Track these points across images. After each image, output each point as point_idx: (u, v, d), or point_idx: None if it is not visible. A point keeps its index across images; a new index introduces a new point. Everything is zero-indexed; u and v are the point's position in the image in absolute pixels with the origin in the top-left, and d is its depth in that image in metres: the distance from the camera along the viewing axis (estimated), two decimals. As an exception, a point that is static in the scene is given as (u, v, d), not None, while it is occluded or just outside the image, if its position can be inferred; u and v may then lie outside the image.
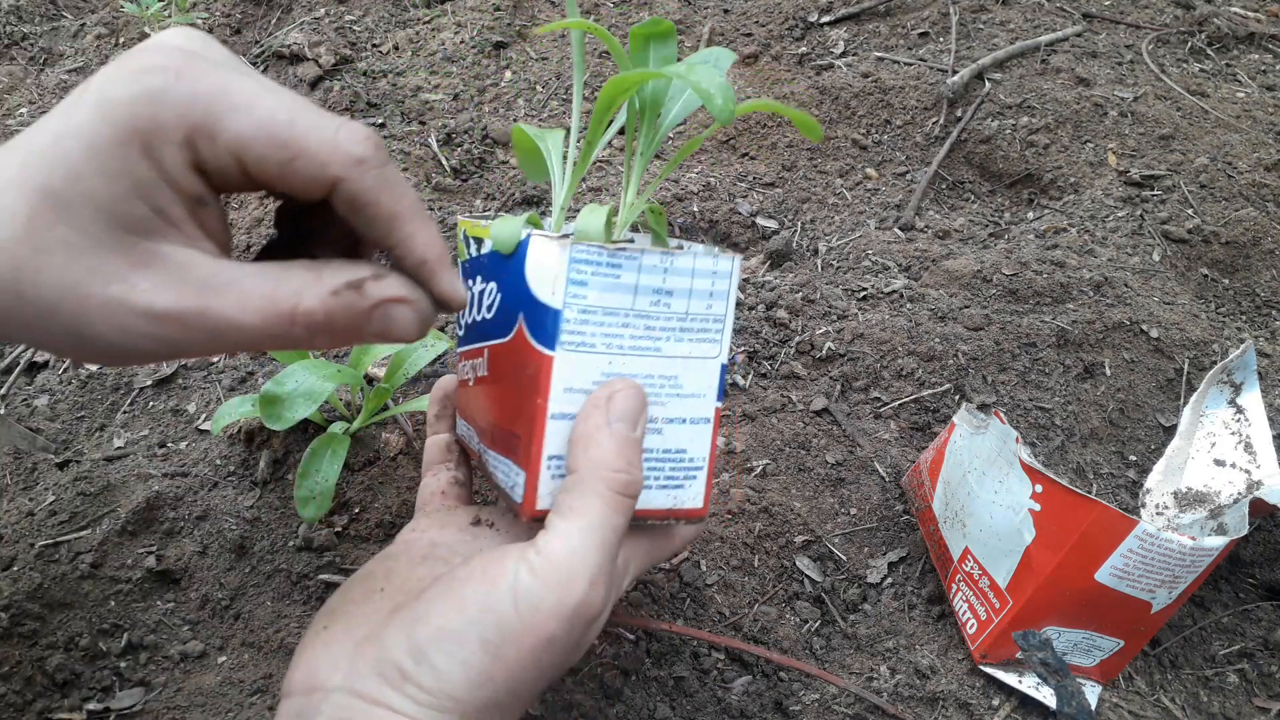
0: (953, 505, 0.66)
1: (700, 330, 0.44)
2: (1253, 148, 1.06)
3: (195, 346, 0.35)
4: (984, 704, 0.62)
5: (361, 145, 0.35)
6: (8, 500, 0.71)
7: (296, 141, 0.34)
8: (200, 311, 0.34)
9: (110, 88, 0.33)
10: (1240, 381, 0.78)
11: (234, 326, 0.34)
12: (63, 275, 0.33)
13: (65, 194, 0.32)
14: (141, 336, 0.34)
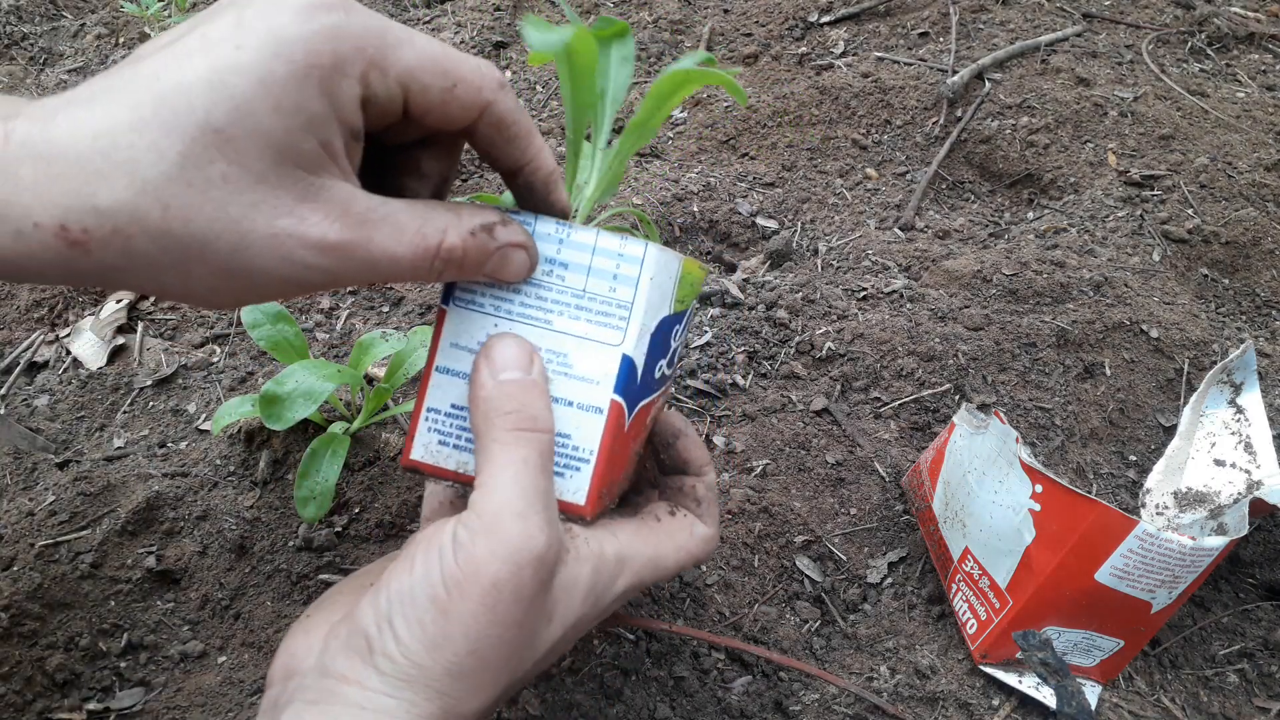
0: (953, 505, 0.66)
1: (600, 312, 0.43)
2: (1253, 148, 1.06)
3: (349, 277, 0.36)
4: (984, 704, 0.62)
5: (499, 73, 0.38)
6: (8, 500, 0.71)
7: (456, 70, 0.36)
8: (365, 243, 0.36)
9: (283, 25, 0.33)
10: (1240, 381, 0.78)
11: (389, 258, 0.36)
12: (222, 210, 0.33)
13: (230, 130, 0.32)
14: (306, 268, 0.35)
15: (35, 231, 0.32)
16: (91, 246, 0.33)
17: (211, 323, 0.89)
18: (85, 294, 0.91)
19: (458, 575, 0.36)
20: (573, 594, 0.39)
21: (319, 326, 0.88)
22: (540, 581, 0.37)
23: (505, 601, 0.36)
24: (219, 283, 0.35)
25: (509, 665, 0.37)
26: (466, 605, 0.36)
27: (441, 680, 0.36)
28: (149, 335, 0.87)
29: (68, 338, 0.87)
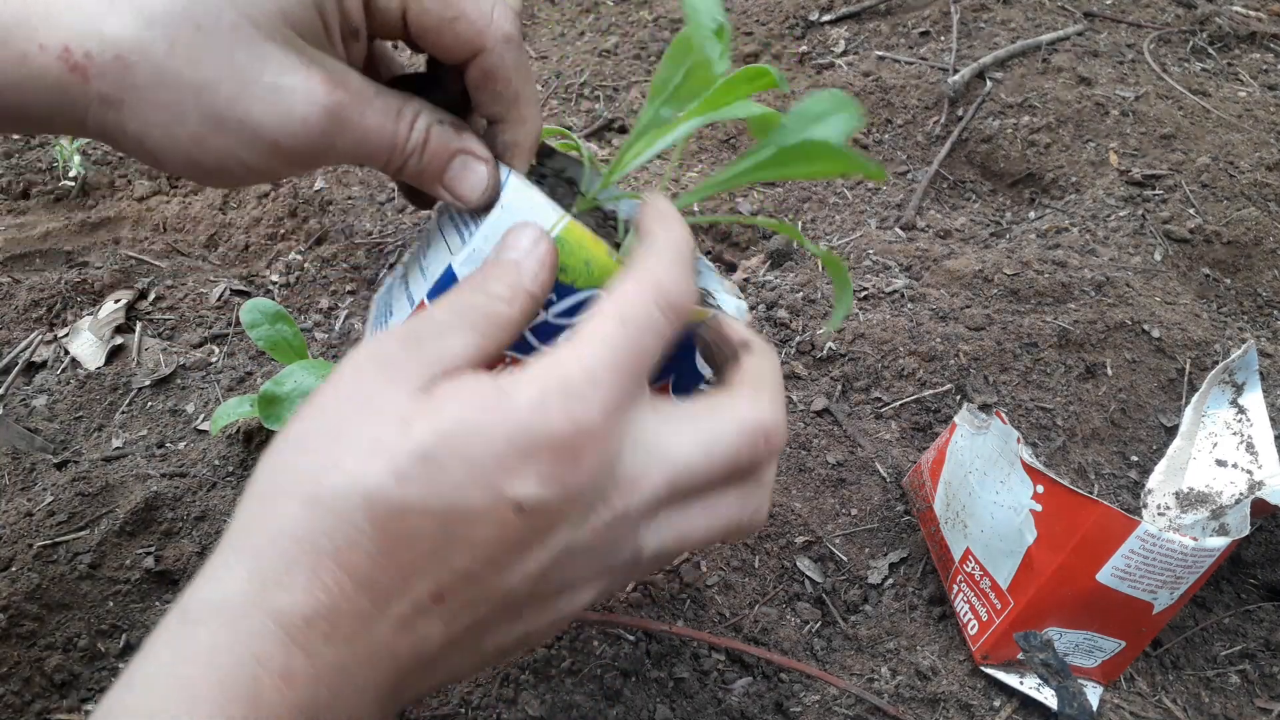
0: (954, 506, 0.66)
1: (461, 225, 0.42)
2: (1254, 147, 1.06)
3: (336, 149, 0.37)
4: (985, 705, 0.62)
5: (511, 23, 0.38)
6: (6, 500, 0.71)
7: (461, 4, 0.37)
8: (358, 113, 0.36)
9: None
10: (1242, 382, 0.77)
11: (377, 130, 0.37)
12: (228, 56, 0.34)
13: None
14: (302, 126, 0.35)
15: (39, 54, 0.33)
16: (91, 72, 0.33)
17: (210, 323, 0.89)
18: (84, 294, 0.91)
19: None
20: (447, 400, 0.33)
21: (317, 326, 0.88)
22: (380, 370, 0.33)
23: (343, 386, 0.34)
24: (209, 132, 0.35)
25: (337, 467, 0.31)
26: (318, 394, 0.34)
27: (263, 482, 0.33)
28: (147, 335, 0.87)
29: (66, 338, 0.87)
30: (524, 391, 0.32)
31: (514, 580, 0.33)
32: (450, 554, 0.32)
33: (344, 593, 0.30)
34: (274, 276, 0.93)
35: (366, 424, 0.32)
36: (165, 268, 0.95)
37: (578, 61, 1.26)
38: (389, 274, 0.50)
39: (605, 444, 0.33)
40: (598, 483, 0.33)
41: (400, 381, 0.33)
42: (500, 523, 0.32)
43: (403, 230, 0.96)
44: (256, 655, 0.29)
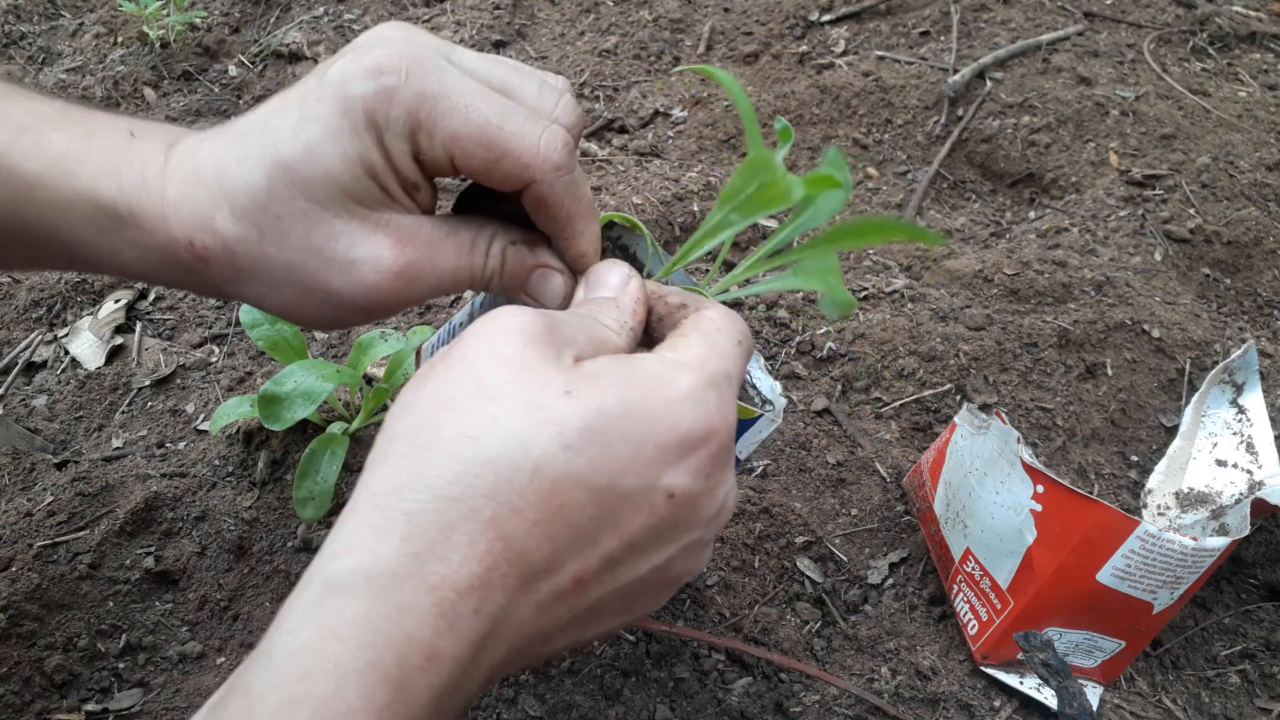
0: (954, 506, 0.66)
1: None
2: (1254, 147, 1.06)
3: (418, 294, 0.41)
4: (985, 705, 0.62)
5: (559, 153, 0.39)
6: (6, 500, 0.71)
7: (503, 144, 0.38)
8: (429, 263, 0.40)
9: (348, 84, 0.38)
10: (1242, 382, 0.77)
11: (451, 271, 0.41)
12: (305, 239, 0.39)
13: (302, 169, 0.38)
14: (379, 291, 0.40)
15: (173, 244, 0.40)
16: (211, 260, 0.40)
17: (210, 323, 0.88)
18: (83, 294, 0.91)
19: (442, 350, 0.36)
20: (600, 377, 0.33)
21: (318, 326, 0.88)
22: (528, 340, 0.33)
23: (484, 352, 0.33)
24: (302, 301, 0.40)
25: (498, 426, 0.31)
26: (444, 362, 0.34)
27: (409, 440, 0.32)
28: (147, 335, 0.87)
29: (66, 338, 0.87)
30: (683, 380, 0.34)
31: (644, 569, 0.34)
32: (601, 535, 0.32)
33: (497, 566, 0.30)
34: (274, 276, 0.93)
35: (525, 386, 0.32)
36: (165, 268, 0.95)
37: (578, 61, 1.26)
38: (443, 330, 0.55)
39: (732, 443, 0.36)
40: (726, 478, 0.36)
41: (549, 349, 0.33)
42: (651, 509, 0.33)
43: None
44: (408, 634, 0.28)
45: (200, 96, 1.20)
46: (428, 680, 0.28)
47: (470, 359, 0.33)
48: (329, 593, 0.29)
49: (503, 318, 0.35)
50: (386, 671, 0.27)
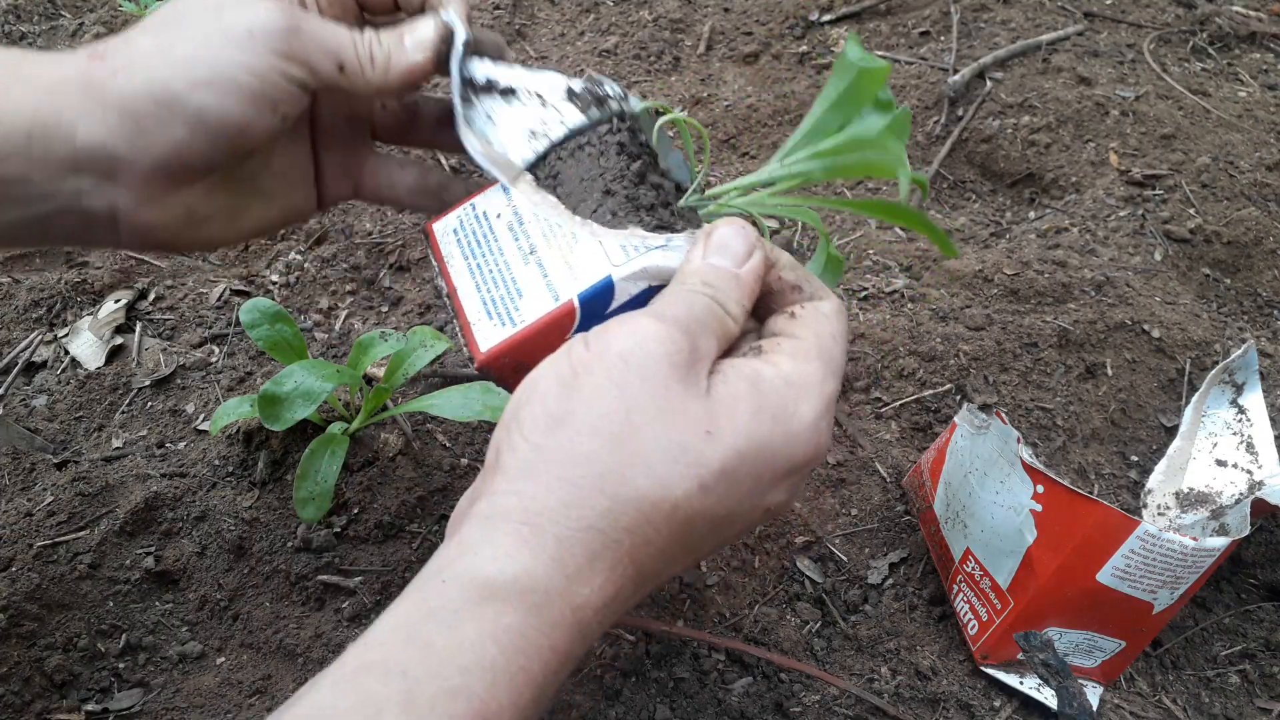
0: (954, 506, 0.66)
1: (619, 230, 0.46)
2: (1254, 147, 1.06)
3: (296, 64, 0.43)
4: (985, 705, 0.62)
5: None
6: (6, 500, 0.71)
7: None
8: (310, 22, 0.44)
9: None
10: (1242, 382, 0.77)
11: (329, 36, 0.44)
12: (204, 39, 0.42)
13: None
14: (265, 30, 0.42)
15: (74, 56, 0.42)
16: (107, 57, 0.41)
17: (210, 323, 0.88)
18: (83, 294, 0.91)
19: (585, 356, 0.35)
20: (735, 407, 0.35)
21: (317, 326, 0.88)
22: (674, 370, 0.34)
23: (633, 380, 0.34)
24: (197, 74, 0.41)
25: (645, 462, 0.33)
26: (592, 379, 0.34)
27: (562, 465, 0.33)
28: (147, 335, 0.87)
29: (66, 338, 0.87)
30: (806, 411, 0.37)
31: (710, 548, 0.38)
32: (701, 544, 0.36)
33: (625, 587, 0.34)
34: (274, 276, 0.93)
35: (671, 427, 0.34)
36: (165, 268, 0.95)
37: (578, 61, 1.26)
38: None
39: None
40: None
41: (690, 381, 0.35)
42: (748, 521, 0.37)
43: (403, 230, 0.96)
44: (553, 645, 0.32)
45: (200, 96, 1.20)
46: (559, 679, 0.33)
47: (619, 384, 0.34)
48: (488, 598, 0.31)
49: (649, 341, 0.35)
50: (532, 676, 0.31)
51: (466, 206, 0.48)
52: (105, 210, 0.43)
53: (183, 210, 0.45)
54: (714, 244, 0.40)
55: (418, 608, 0.32)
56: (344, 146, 0.52)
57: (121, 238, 0.45)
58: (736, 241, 0.40)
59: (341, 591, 0.67)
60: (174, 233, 0.46)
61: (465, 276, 0.46)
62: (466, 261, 0.46)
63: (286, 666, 0.63)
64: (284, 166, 0.49)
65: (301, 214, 0.52)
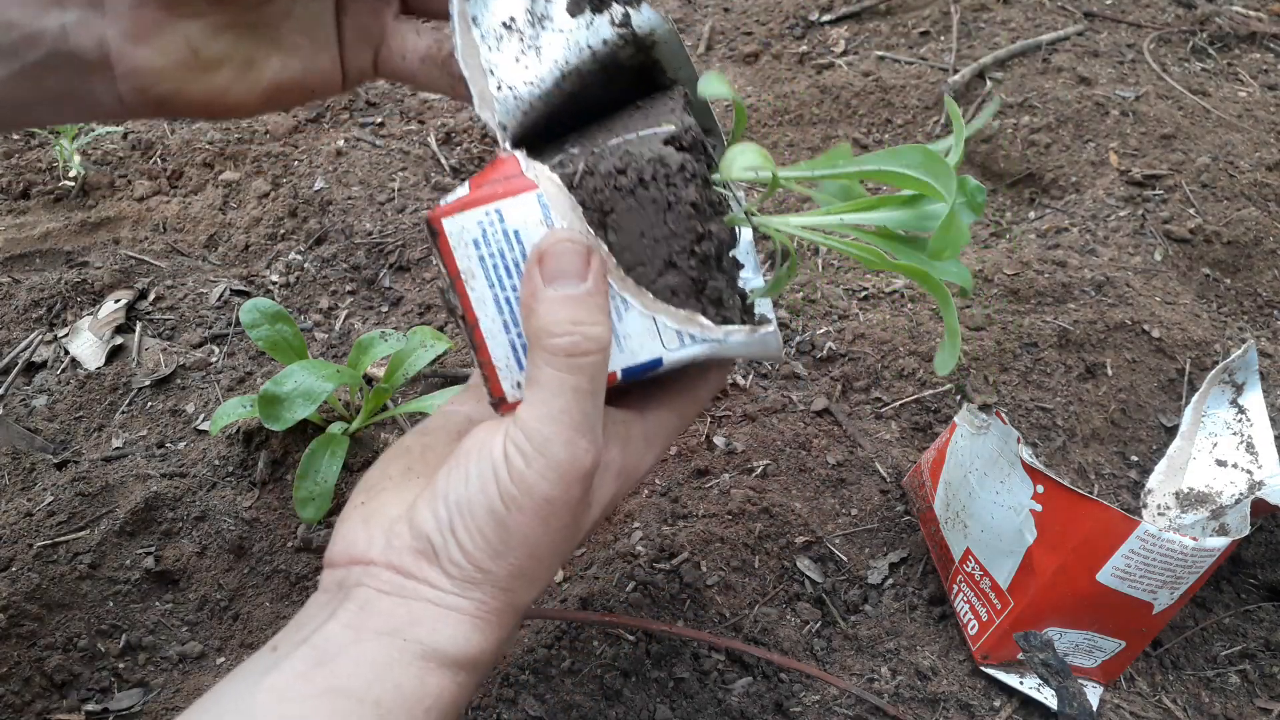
0: (954, 506, 0.66)
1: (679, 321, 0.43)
2: (1255, 147, 1.06)
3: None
4: (985, 705, 0.62)
5: None
6: (6, 500, 0.71)
7: None
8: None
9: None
10: (1242, 382, 0.77)
11: None
12: None
13: None
14: None
15: None
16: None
17: (210, 323, 0.88)
18: (83, 294, 0.91)
19: (514, 494, 0.38)
20: (605, 476, 0.42)
21: (317, 326, 0.88)
22: (585, 489, 0.40)
23: (558, 514, 0.39)
24: None
25: (558, 556, 0.41)
26: (524, 520, 0.39)
27: (505, 580, 0.40)
28: (147, 335, 0.87)
29: (66, 338, 0.87)
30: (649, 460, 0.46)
31: None
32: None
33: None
34: (274, 276, 0.93)
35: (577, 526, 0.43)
36: (165, 268, 0.95)
37: (578, 61, 1.26)
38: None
39: None
40: None
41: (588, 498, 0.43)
42: None
43: (403, 230, 0.96)
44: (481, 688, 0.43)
45: (200, 96, 1.20)
46: None
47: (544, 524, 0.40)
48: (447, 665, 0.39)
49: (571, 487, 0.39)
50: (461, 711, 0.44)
51: (490, 211, 0.39)
52: (95, 49, 0.40)
53: (185, 47, 0.41)
54: (548, 268, 0.38)
55: (381, 657, 0.37)
56: (368, 7, 0.48)
57: (122, 94, 0.42)
58: (568, 259, 0.38)
59: (341, 591, 0.67)
60: (179, 81, 0.42)
61: (490, 309, 0.40)
62: (493, 291, 0.40)
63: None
64: (305, 18, 0.45)
65: (324, 79, 0.47)
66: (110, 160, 1.09)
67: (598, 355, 0.38)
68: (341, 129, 1.13)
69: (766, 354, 0.43)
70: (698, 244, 0.40)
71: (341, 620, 0.38)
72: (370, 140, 1.10)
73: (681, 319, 0.41)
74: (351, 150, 1.08)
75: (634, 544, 0.69)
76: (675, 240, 0.40)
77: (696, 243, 0.40)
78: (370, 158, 1.06)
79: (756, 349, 0.42)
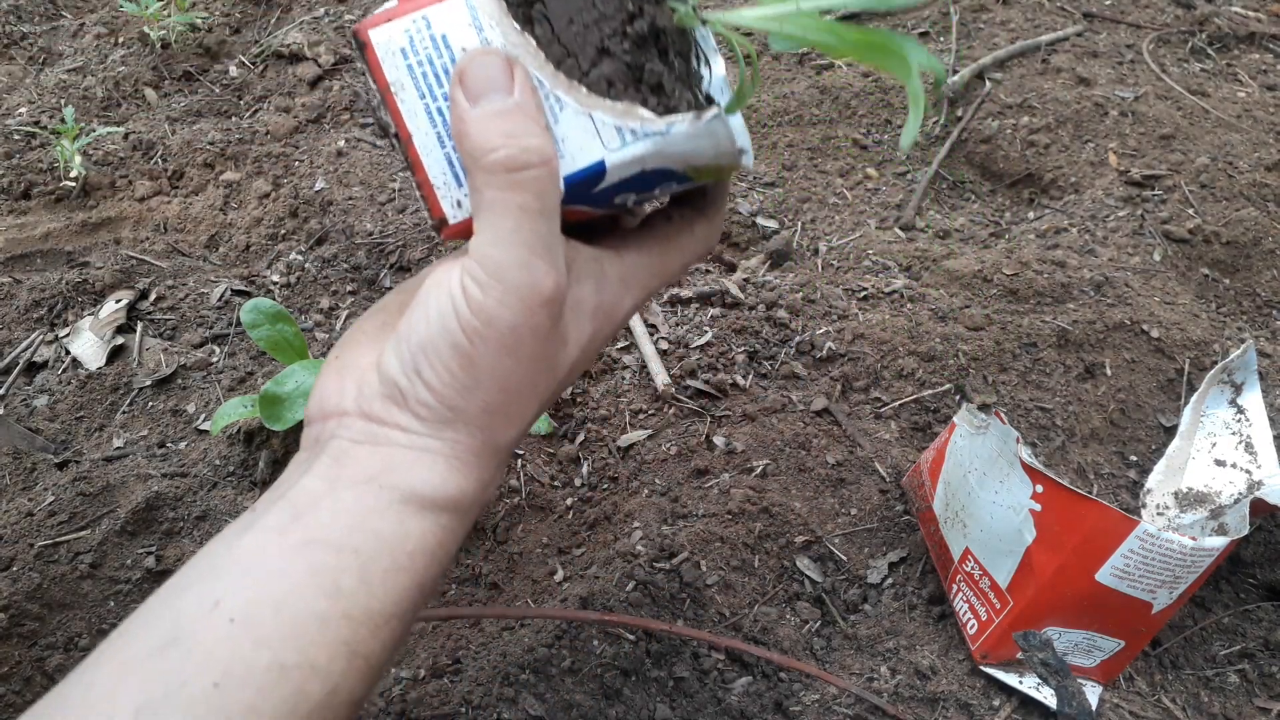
0: (953, 506, 0.66)
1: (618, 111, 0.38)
2: (1253, 147, 1.06)
3: None
4: (985, 705, 0.62)
5: None
6: (7, 500, 0.71)
7: None
8: None
9: None
10: (1241, 382, 0.77)
11: None
12: None
13: None
14: None
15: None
16: None
17: (211, 323, 0.89)
18: (84, 294, 0.91)
19: (475, 325, 0.37)
20: (580, 314, 0.40)
21: (318, 326, 0.88)
22: (552, 317, 0.38)
23: (524, 342, 0.38)
24: None
25: (536, 392, 0.40)
26: (489, 351, 0.37)
27: (478, 418, 0.38)
28: (148, 335, 0.87)
29: (67, 338, 0.87)
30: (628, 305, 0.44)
31: None
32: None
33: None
34: (275, 276, 0.93)
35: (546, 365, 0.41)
36: (166, 268, 0.95)
37: (578, 62, 1.26)
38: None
39: None
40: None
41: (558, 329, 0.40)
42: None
43: (403, 230, 0.97)
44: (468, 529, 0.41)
45: (201, 97, 1.21)
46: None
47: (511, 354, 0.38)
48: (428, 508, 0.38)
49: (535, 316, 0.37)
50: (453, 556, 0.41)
51: (416, 19, 0.38)
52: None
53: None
54: (471, 86, 0.36)
55: (357, 504, 0.37)
56: None
57: None
58: (490, 68, 0.36)
59: (342, 591, 0.67)
60: None
61: (423, 121, 0.38)
62: (424, 102, 0.38)
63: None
64: None
65: None
66: (111, 161, 1.09)
67: (540, 168, 0.36)
68: (342, 129, 1.13)
69: (720, 151, 0.38)
70: (630, 23, 0.37)
71: (316, 473, 0.37)
72: (370, 141, 1.10)
73: (619, 111, 0.37)
74: (352, 151, 1.08)
75: (634, 544, 0.69)
76: (606, 23, 0.37)
77: (629, 22, 0.37)
78: (371, 158, 1.07)
79: (706, 144, 0.38)
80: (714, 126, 0.37)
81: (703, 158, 0.38)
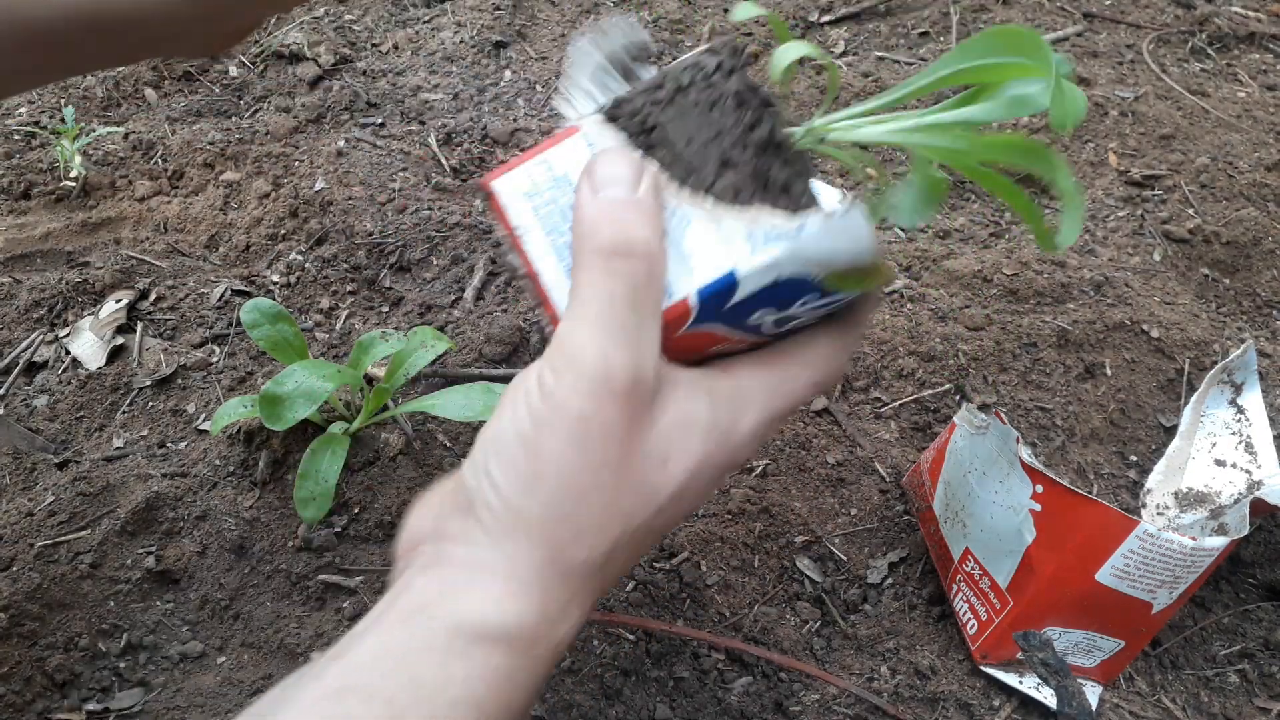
0: (953, 505, 0.66)
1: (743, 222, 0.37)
2: (1254, 147, 1.06)
3: None
4: (984, 705, 0.62)
5: None
6: (7, 500, 0.71)
7: None
8: None
9: None
10: (1241, 382, 0.77)
11: None
12: None
13: None
14: None
15: None
16: None
17: (211, 323, 0.89)
18: (84, 294, 0.91)
19: (543, 412, 0.34)
20: (689, 432, 0.36)
21: (318, 326, 0.88)
22: (630, 418, 0.35)
23: (593, 438, 0.34)
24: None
25: (615, 509, 0.35)
26: (554, 441, 0.34)
27: (541, 524, 0.34)
28: (148, 335, 0.87)
29: (67, 338, 0.87)
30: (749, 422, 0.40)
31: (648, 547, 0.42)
32: (644, 548, 0.40)
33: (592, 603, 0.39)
34: (275, 276, 0.93)
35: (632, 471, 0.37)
36: (166, 268, 0.95)
37: (578, 62, 1.26)
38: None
39: None
40: None
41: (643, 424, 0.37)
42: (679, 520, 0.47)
43: (403, 230, 0.97)
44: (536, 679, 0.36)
45: (201, 97, 1.21)
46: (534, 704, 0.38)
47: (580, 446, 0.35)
48: (477, 641, 0.33)
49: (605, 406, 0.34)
50: (514, 709, 0.34)
51: (537, 161, 0.39)
52: None
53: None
54: (597, 178, 0.36)
55: (401, 642, 0.33)
56: None
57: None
58: (618, 166, 0.36)
59: (342, 591, 0.67)
60: None
61: (549, 258, 0.38)
62: (550, 239, 0.38)
63: (287, 666, 0.63)
64: None
65: None
66: (111, 160, 1.09)
67: (640, 261, 0.35)
68: (342, 129, 1.13)
69: (859, 249, 0.35)
70: (750, 131, 0.36)
71: (374, 613, 0.34)
72: (371, 141, 1.10)
73: (748, 217, 0.35)
74: (352, 151, 1.08)
75: (634, 544, 0.69)
76: (725, 136, 0.36)
77: (749, 130, 0.36)
78: (371, 158, 1.07)
79: (842, 242, 0.35)
80: (848, 223, 0.35)
81: (840, 259, 0.36)
